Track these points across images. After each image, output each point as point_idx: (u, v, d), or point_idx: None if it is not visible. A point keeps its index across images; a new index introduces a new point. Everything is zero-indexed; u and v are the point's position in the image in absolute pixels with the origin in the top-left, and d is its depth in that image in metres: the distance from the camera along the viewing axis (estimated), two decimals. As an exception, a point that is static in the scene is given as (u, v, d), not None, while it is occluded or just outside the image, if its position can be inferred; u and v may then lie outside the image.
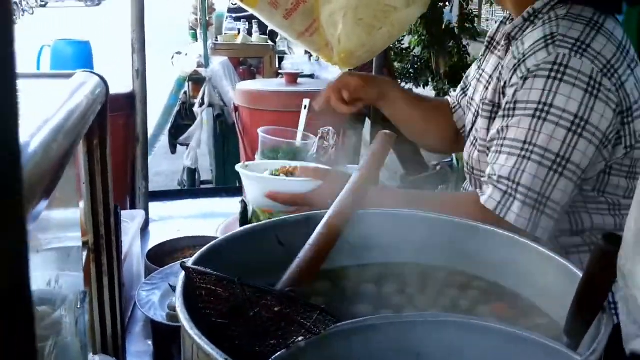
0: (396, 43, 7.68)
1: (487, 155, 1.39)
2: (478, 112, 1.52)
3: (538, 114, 1.27)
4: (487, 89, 1.50)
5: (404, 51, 8.12)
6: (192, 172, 4.94)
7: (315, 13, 1.77)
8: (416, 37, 7.84)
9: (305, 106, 1.97)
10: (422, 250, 1.21)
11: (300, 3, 1.75)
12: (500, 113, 1.36)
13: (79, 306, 0.74)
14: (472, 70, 1.76)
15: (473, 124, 1.57)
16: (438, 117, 1.83)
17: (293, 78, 2.32)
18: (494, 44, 1.62)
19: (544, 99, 1.27)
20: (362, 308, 1.09)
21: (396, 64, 7.79)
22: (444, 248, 1.19)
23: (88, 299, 0.93)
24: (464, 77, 1.82)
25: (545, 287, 1.06)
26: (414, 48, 8.12)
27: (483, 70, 1.62)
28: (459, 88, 1.83)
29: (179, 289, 0.91)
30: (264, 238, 1.16)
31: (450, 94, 1.98)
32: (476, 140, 1.50)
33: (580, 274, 0.88)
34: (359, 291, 1.15)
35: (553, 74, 1.27)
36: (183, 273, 0.94)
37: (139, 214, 1.74)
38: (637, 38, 3.21)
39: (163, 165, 5.33)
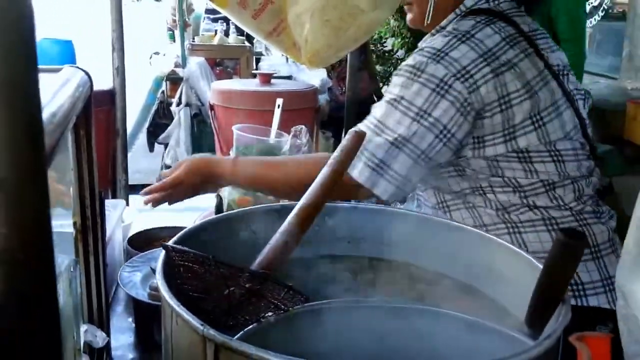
0: (378, 45, 7.58)
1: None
2: None
3: (393, 102, 1.55)
4: None
5: (387, 54, 7.98)
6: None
7: (282, 13, 1.81)
8: (399, 40, 7.71)
9: (279, 105, 2.04)
10: (392, 245, 1.28)
11: (268, 4, 1.79)
12: None
13: (72, 270, 0.82)
14: None
15: None
16: None
17: (267, 78, 2.39)
18: None
19: (400, 93, 1.54)
20: (331, 293, 1.15)
21: (378, 67, 7.68)
22: (414, 244, 1.27)
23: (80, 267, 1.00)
24: None
25: (511, 281, 1.11)
26: (397, 51, 7.99)
27: None
28: None
29: (159, 265, 0.98)
30: (238, 225, 1.23)
31: None
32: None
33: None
34: (329, 279, 1.21)
35: (411, 75, 1.54)
36: (163, 252, 1.02)
37: (120, 203, 1.82)
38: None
39: (141, 163, 5.36)
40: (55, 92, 0.91)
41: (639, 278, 0.85)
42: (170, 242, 1.05)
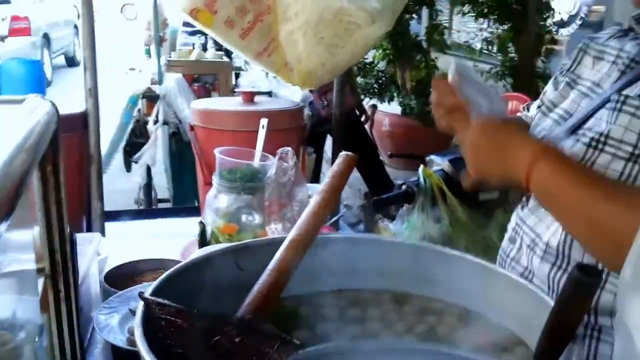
0: (359, 57, 7.59)
1: (637, 166, 1.20)
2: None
3: None
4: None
5: (368, 66, 8.01)
6: (148, 190, 4.90)
7: (273, 32, 1.73)
8: (380, 52, 7.74)
9: (263, 126, 1.95)
10: (390, 276, 1.22)
11: (257, 22, 1.70)
12: None
13: (36, 340, 0.73)
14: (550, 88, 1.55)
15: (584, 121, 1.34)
16: None
17: (250, 97, 2.30)
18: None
19: None
20: (327, 331, 1.09)
21: (359, 79, 7.70)
22: (412, 274, 1.21)
23: (47, 329, 0.91)
24: (541, 95, 1.58)
25: (517, 313, 1.07)
26: (378, 62, 8.03)
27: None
28: (533, 110, 1.59)
29: (137, 320, 0.90)
30: (224, 263, 1.15)
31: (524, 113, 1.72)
32: (602, 143, 1.25)
33: (550, 302, 0.90)
34: (325, 316, 1.15)
35: None
36: (142, 303, 0.92)
37: (96, 237, 1.72)
38: None
39: (119, 184, 5.26)
40: (17, 129, 0.82)
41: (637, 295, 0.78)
42: (150, 289, 0.96)
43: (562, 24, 9.76)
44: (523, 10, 7.43)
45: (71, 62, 14.53)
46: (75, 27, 14.03)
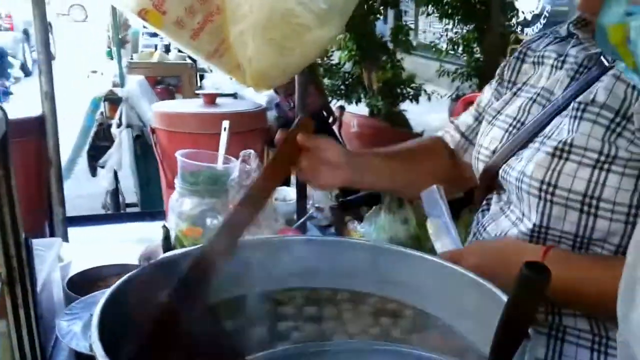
0: (325, 58, 7.59)
1: (604, 172, 1.22)
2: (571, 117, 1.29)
3: None
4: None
5: (334, 67, 8.01)
6: (115, 195, 4.84)
7: (224, 32, 1.71)
8: (346, 53, 7.74)
9: (225, 128, 1.93)
10: (351, 277, 1.22)
11: (207, 22, 1.68)
12: None
13: None
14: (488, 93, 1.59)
15: (542, 128, 1.35)
16: (426, 164, 1.61)
17: (211, 98, 2.28)
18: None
19: None
20: (289, 332, 1.10)
21: (326, 81, 7.67)
22: (372, 274, 1.21)
23: (6, 336, 0.90)
24: (475, 105, 1.62)
25: (477, 312, 1.07)
26: (344, 64, 8.02)
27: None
28: (469, 120, 1.62)
29: (94, 323, 0.89)
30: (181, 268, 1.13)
31: (447, 131, 1.66)
32: (567, 152, 1.26)
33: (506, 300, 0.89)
34: (288, 316, 1.15)
35: None
36: (99, 304, 0.92)
37: (56, 242, 1.69)
38: None
39: (85, 188, 5.20)
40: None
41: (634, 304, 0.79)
42: (107, 293, 0.95)
43: (526, 24, 9.87)
44: (487, 11, 7.47)
45: (48, 56, 15.98)
46: (50, 24, 15.33)
